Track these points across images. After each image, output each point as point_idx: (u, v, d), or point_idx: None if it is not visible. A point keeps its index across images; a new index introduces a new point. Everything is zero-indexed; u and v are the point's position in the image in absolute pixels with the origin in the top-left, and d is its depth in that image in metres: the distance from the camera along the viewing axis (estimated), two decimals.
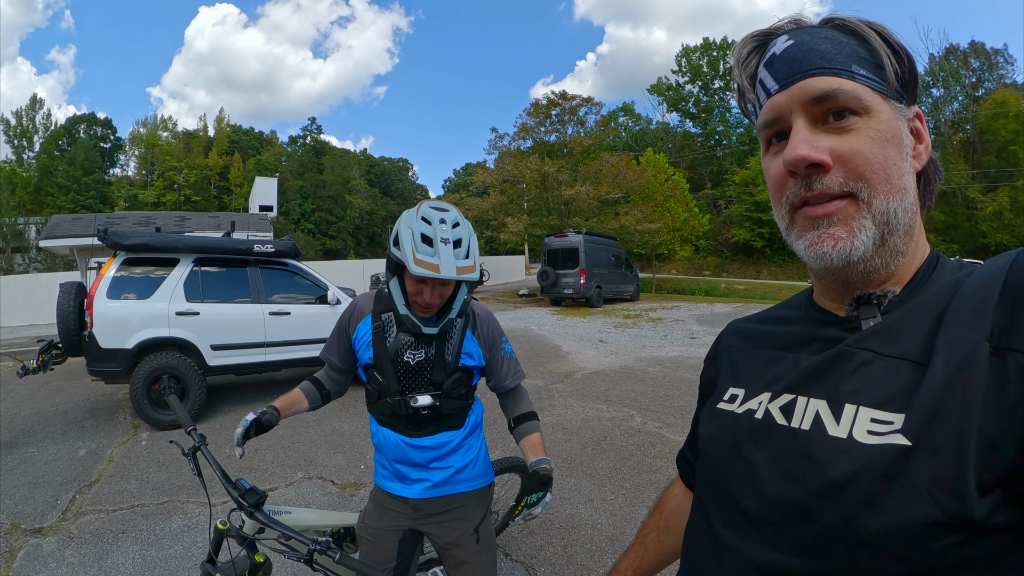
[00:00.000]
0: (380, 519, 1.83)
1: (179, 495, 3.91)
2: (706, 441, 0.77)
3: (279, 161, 65.57)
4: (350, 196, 64.35)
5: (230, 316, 6.06)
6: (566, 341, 11.15)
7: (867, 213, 0.60)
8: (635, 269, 22.56)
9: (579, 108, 28.93)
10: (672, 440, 5.03)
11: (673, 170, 30.58)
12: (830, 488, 0.55)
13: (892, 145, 0.60)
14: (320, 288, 6.85)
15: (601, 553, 3.14)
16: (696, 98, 53.66)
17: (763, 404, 0.68)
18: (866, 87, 0.60)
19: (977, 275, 0.58)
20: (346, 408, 6.12)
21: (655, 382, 7.45)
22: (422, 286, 1.61)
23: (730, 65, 0.73)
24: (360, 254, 60.29)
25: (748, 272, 38.78)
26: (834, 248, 0.61)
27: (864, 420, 0.56)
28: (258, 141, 69.33)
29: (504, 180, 26.70)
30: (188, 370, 5.63)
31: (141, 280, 5.70)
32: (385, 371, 1.71)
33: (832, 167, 0.60)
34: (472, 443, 1.88)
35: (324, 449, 4.88)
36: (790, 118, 0.63)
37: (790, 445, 0.62)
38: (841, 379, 0.61)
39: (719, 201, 45.41)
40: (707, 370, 0.90)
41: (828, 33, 0.64)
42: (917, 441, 0.51)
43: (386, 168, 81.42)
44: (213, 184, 59.09)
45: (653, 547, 0.99)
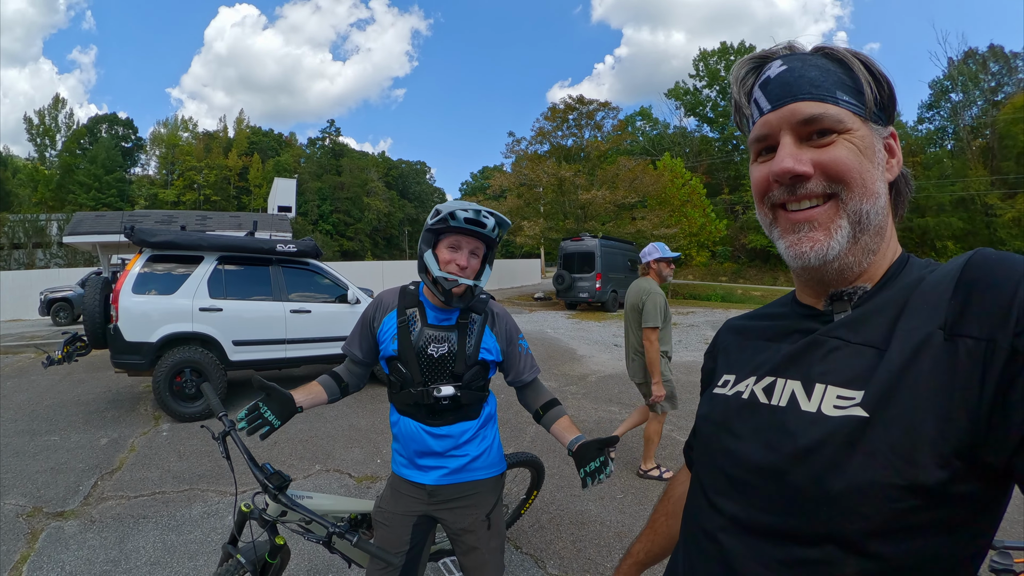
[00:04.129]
0: (396, 504, 1.93)
1: (199, 484, 4.04)
2: (701, 421, 0.87)
3: (298, 162, 66.46)
4: (368, 198, 65.02)
5: (252, 313, 6.22)
6: (580, 344, 11.22)
7: (843, 213, 0.69)
8: None
9: (596, 112, 28.97)
10: (682, 443, 5.04)
11: (690, 175, 30.52)
12: (800, 453, 0.64)
13: (866, 156, 0.69)
14: (340, 288, 7.00)
15: (609, 549, 3.22)
16: (714, 102, 53.41)
17: (749, 386, 0.77)
18: (847, 111, 0.69)
19: (938, 272, 0.66)
20: (363, 404, 6.26)
21: None
22: (455, 253, 1.75)
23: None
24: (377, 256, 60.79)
25: (765, 278, 38.51)
26: (812, 249, 0.70)
27: (831, 397, 0.65)
28: (277, 142, 70.33)
29: (521, 184, 26.77)
30: (210, 364, 5.77)
31: (166, 276, 5.87)
32: (409, 363, 1.82)
33: (813, 175, 0.69)
34: (487, 433, 1.98)
35: (341, 443, 5.00)
36: (779, 135, 0.71)
37: (769, 419, 0.71)
38: (813, 363, 0.70)
39: (736, 206, 45.16)
40: (706, 363, 1.00)
41: (818, 61, 0.72)
42: (874, 414, 0.59)
43: (404, 171, 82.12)
44: (232, 184, 60.09)
45: (663, 530, 1.07)
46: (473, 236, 1.77)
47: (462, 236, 1.76)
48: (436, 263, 1.77)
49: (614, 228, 24.92)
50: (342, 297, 6.97)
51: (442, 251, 1.77)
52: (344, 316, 6.81)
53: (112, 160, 54.18)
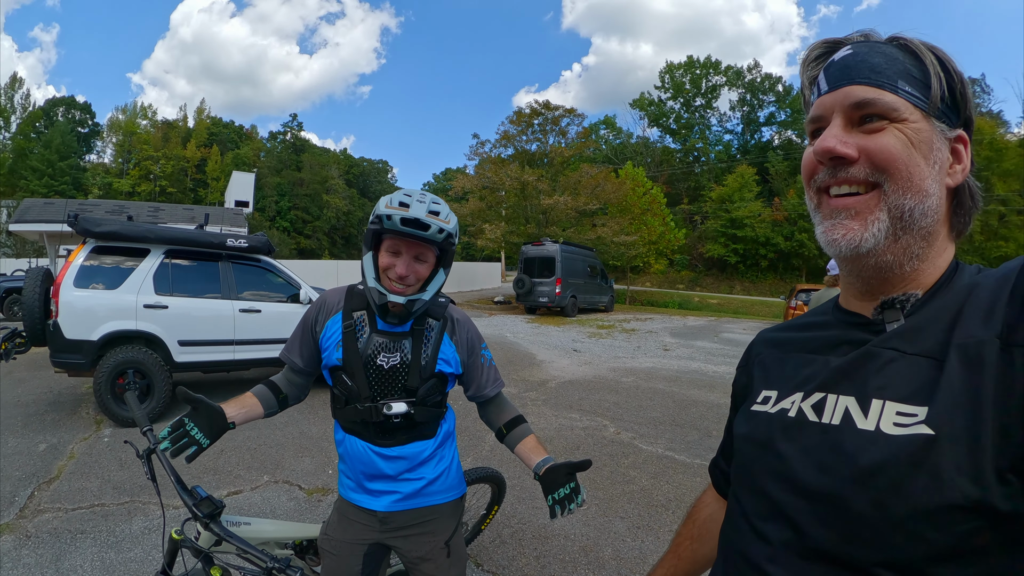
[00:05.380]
0: (344, 532, 1.72)
1: (140, 495, 3.76)
2: (741, 441, 0.80)
3: (257, 156, 64.80)
4: (327, 196, 63.77)
5: (199, 311, 5.89)
6: (540, 349, 11.13)
7: (884, 206, 0.65)
8: (610, 280, 22.77)
9: (561, 119, 29.13)
10: (645, 451, 5.03)
11: (651, 184, 31.05)
12: (861, 476, 0.59)
13: (918, 150, 0.64)
14: (292, 287, 6.71)
15: (575, 564, 3.09)
16: (677, 114, 54.65)
17: (796, 403, 0.72)
18: (906, 101, 0.65)
19: (990, 278, 0.63)
20: (315, 411, 5.98)
21: (628, 392, 7.46)
22: (395, 258, 1.53)
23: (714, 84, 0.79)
24: (335, 255, 59.63)
25: (721, 287, 39.41)
26: (843, 237, 0.67)
27: (890, 413, 0.60)
28: (237, 135, 68.49)
29: (483, 187, 26.69)
30: (154, 365, 5.44)
31: (110, 270, 5.50)
32: (355, 374, 1.59)
33: (858, 160, 0.65)
34: (445, 453, 1.79)
35: (291, 452, 4.75)
36: (831, 117, 0.69)
37: (821, 439, 0.66)
38: (868, 377, 0.65)
39: (695, 216, 46.15)
40: (739, 378, 0.94)
41: (887, 49, 0.69)
42: (940, 431, 0.55)
43: (365, 169, 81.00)
44: (190, 176, 58.15)
45: (687, 556, 1.00)
46: (416, 239, 1.52)
47: (402, 239, 1.53)
48: (374, 269, 1.55)
49: (575, 234, 25.06)
50: (294, 297, 6.67)
51: (383, 255, 1.54)
52: (296, 317, 6.45)
53: (67, 146, 51.69)
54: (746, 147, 52.04)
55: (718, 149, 53.07)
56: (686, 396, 7.29)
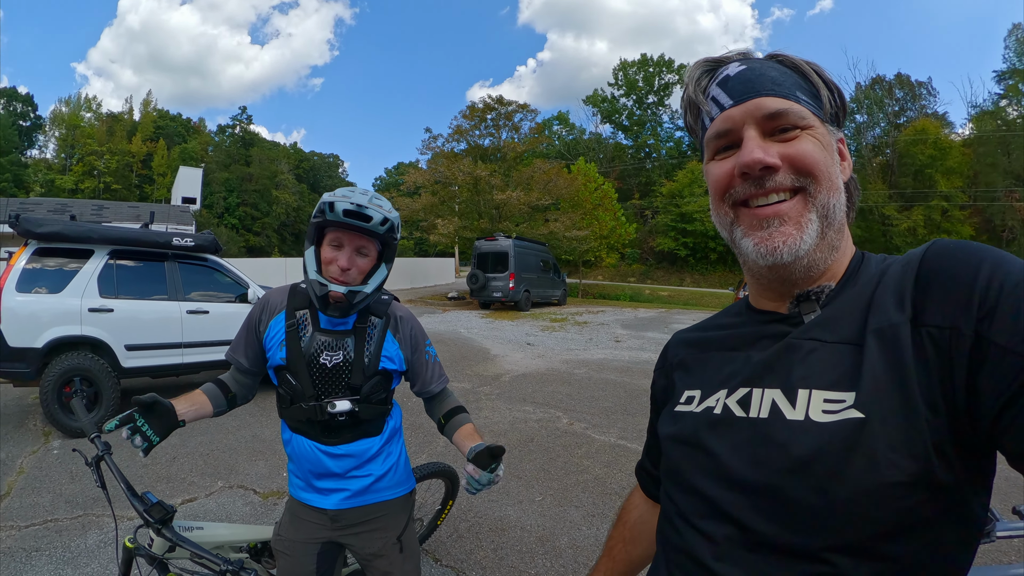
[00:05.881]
0: (297, 532, 1.72)
1: (94, 508, 3.61)
2: (668, 442, 0.80)
3: (205, 151, 62.43)
4: (277, 191, 62.08)
5: (146, 314, 5.65)
6: (494, 344, 11.17)
7: (812, 207, 0.67)
8: (563, 274, 22.97)
9: (515, 114, 29.17)
10: (598, 441, 5.13)
11: (603, 180, 31.36)
12: (796, 466, 0.60)
13: (828, 153, 0.69)
14: (240, 286, 6.51)
15: (532, 554, 3.14)
16: (630, 111, 55.37)
17: (720, 400, 0.73)
18: (808, 110, 0.69)
19: (897, 264, 0.66)
20: (267, 413, 5.85)
21: (581, 384, 7.58)
22: (337, 251, 1.53)
23: (666, 82, 0.80)
24: (285, 252, 58.04)
25: (672, 280, 40.27)
26: (784, 244, 0.67)
27: (818, 401, 0.61)
28: (185, 128, 65.85)
29: (436, 181, 26.47)
30: (101, 372, 5.18)
31: (53, 272, 5.22)
32: (299, 373, 1.59)
33: (782, 168, 0.67)
34: (392, 449, 1.79)
35: (245, 456, 4.63)
36: (742, 130, 0.70)
37: (751, 433, 0.66)
38: (792, 368, 0.66)
39: (646, 211, 46.95)
40: (658, 379, 0.94)
41: (775, 65, 0.73)
42: (869, 413, 0.57)
43: (316, 163, 79.19)
44: (135, 172, 55.63)
45: (621, 558, 1.01)
46: (359, 232, 1.54)
47: (344, 232, 1.53)
48: (316, 263, 1.55)
49: (528, 229, 25.13)
50: (242, 296, 6.47)
51: (325, 249, 1.55)
52: (244, 317, 6.31)
53: (8, 140, 48.57)
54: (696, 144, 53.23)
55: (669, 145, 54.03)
56: (637, 386, 7.46)
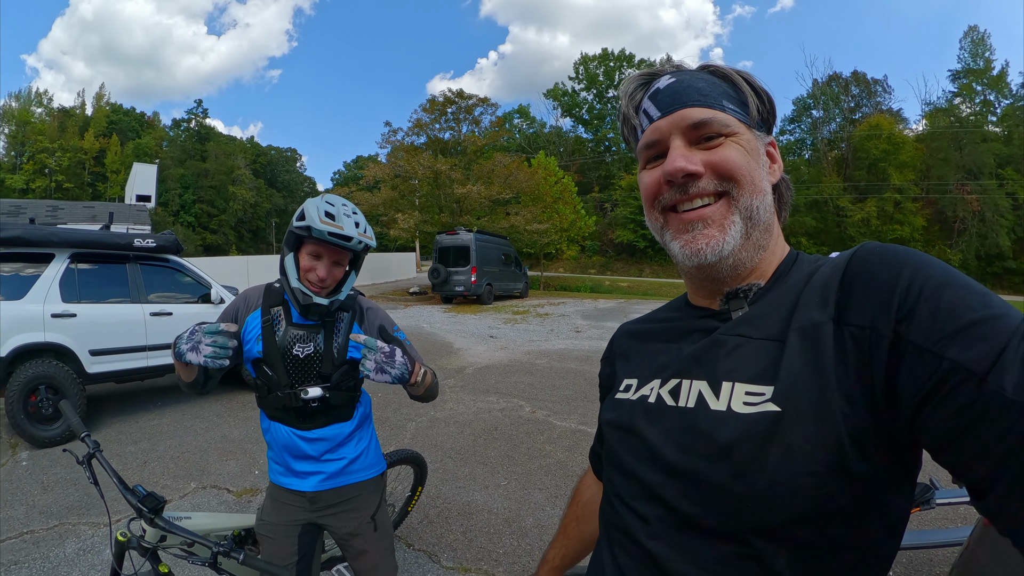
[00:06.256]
0: (278, 515, 1.84)
1: (69, 517, 3.57)
2: (607, 427, 0.85)
3: (160, 146, 60.42)
4: (234, 187, 60.56)
5: (110, 318, 5.52)
6: (457, 338, 11.29)
7: (736, 209, 0.71)
8: (524, 267, 23.18)
9: (475, 107, 29.14)
10: (559, 427, 5.33)
11: (563, 173, 31.66)
12: (718, 453, 0.64)
13: (753, 157, 0.73)
14: (203, 286, 6.43)
15: (499, 535, 3.30)
16: (590, 105, 55.86)
17: (654, 389, 0.77)
18: (734, 118, 0.73)
19: (826, 266, 0.69)
20: (234, 413, 5.86)
21: (542, 374, 7.79)
22: (316, 262, 1.66)
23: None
24: (243, 250, 56.59)
25: (631, 271, 41.02)
26: (707, 246, 0.71)
27: (740, 394, 0.65)
28: (139, 123, 63.48)
29: (396, 175, 26.25)
30: (67, 379, 5.04)
31: (12, 278, 5.06)
32: (275, 365, 1.72)
33: (704, 174, 0.71)
34: (362, 434, 1.94)
35: (215, 457, 4.64)
36: (668, 140, 0.74)
37: (680, 421, 0.70)
38: (717, 361, 0.70)
39: (605, 204, 47.58)
40: (604, 368, 1.00)
41: (704, 76, 0.77)
42: (785, 407, 0.61)
43: (273, 158, 77.47)
44: (88, 170, 53.43)
45: (575, 535, 1.09)
46: (338, 248, 1.69)
47: (324, 247, 1.67)
48: (296, 270, 1.69)
49: (489, 223, 25.24)
50: (205, 297, 6.39)
51: (304, 257, 1.68)
52: (208, 317, 6.19)
53: None
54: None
55: None
56: (596, 374, 7.61)
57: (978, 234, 35.40)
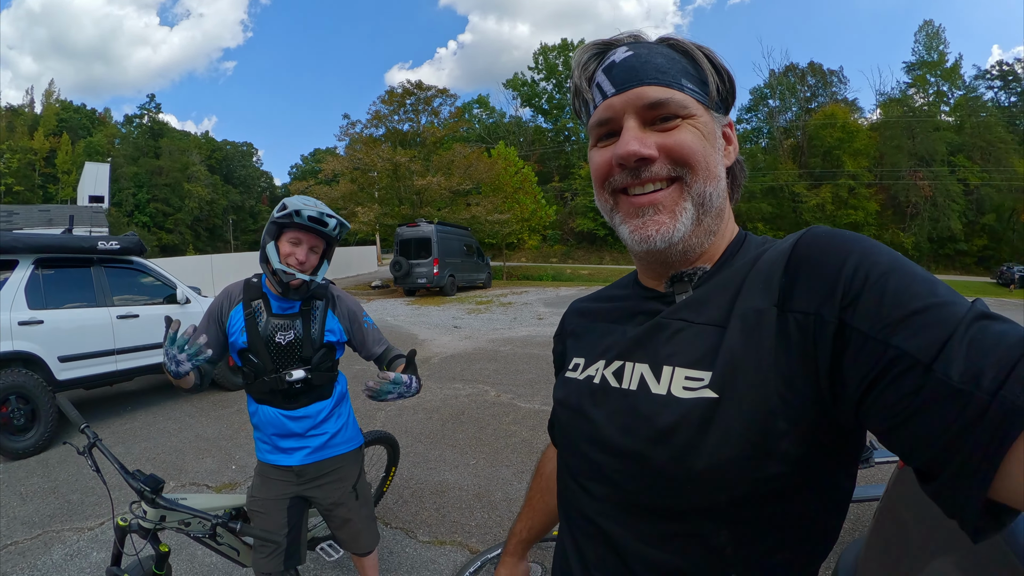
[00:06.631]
0: (268, 491, 2.02)
1: (52, 525, 3.57)
2: (558, 405, 0.86)
3: (112, 144, 58.39)
4: (189, 184, 58.97)
5: (76, 323, 5.45)
6: (422, 329, 11.45)
7: (688, 196, 0.68)
8: (486, 258, 23.36)
9: (434, 99, 29.07)
10: (523, 408, 5.58)
11: (523, 163, 31.88)
12: (658, 436, 0.64)
13: (709, 142, 0.69)
14: (168, 287, 6.41)
15: (471, 509, 3.51)
16: (549, 95, 56.15)
17: (599, 370, 0.77)
18: (691, 98, 0.69)
19: (771, 250, 0.67)
20: (206, 412, 5.91)
21: (506, 360, 8.05)
22: (295, 247, 1.86)
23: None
24: (200, 249, 55.12)
25: (592, 259, 41.67)
26: (657, 232, 0.69)
27: (680, 379, 0.65)
28: (90, 120, 61.31)
29: (355, 168, 26.01)
30: (37, 388, 4.95)
31: None
32: (260, 352, 1.91)
33: (658, 158, 0.68)
34: (341, 411, 2.15)
35: (191, 455, 4.69)
36: (622, 119, 0.69)
37: (622, 404, 0.71)
38: (659, 345, 0.70)
39: (565, 193, 48.08)
40: (556, 346, 0.99)
41: (663, 50, 0.71)
42: (722, 392, 0.61)
43: (229, 153, 75.61)
44: (38, 171, 51.36)
45: (540, 507, 1.10)
46: (315, 234, 1.89)
47: (304, 232, 1.87)
48: (277, 255, 1.87)
49: (449, 214, 25.28)
50: (171, 298, 6.37)
51: (284, 244, 1.87)
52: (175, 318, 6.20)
53: None
54: None
55: None
56: None
57: (930, 218, 37.15)
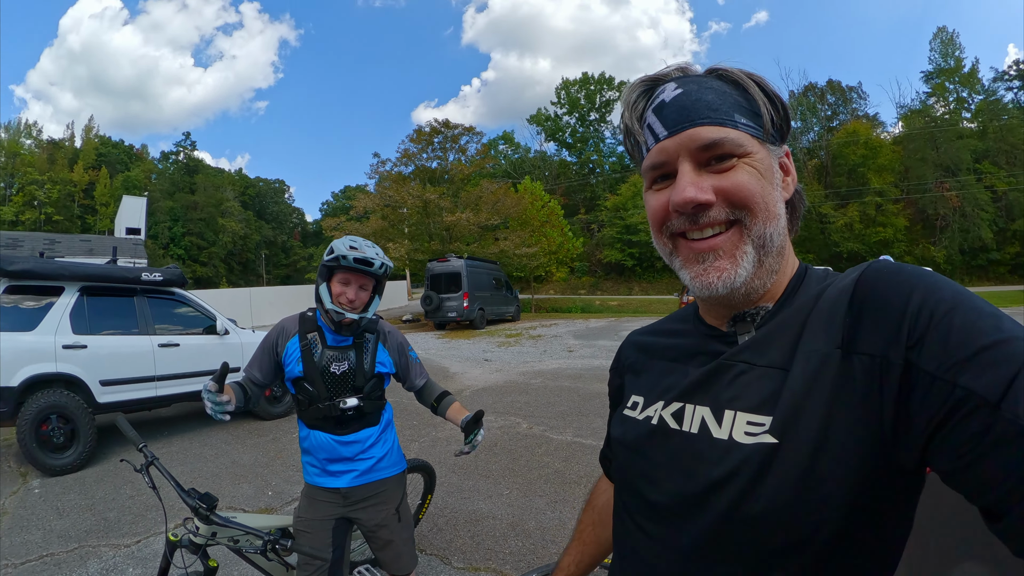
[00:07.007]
0: (315, 512, 2.16)
1: (89, 540, 3.73)
2: (616, 444, 0.86)
3: (149, 179, 60.92)
4: (223, 219, 60.99)
5: (119, 349, 5.77)
6: (453, 362, 11.58)
7: (748, 239, 0.67)
8: (515, 291, 23.60)
9: (461, 136, 29.70)
10: (556, 440, 5.63)
11: (549, 197, 32.20)
12: (718, 481, 0.64)
13: (766, 179, 0.68)
14: (208, 318, 6.71)
15: (504, 538, 3.58)
16: (573, 129, 57.11)
17: (658, 411, 0.77)
18: (746, 134, 0.67)
19: (833, 287, 0.66)
20: (242, 440, 6.11)
21: (537, 392, 8.11)
22: (345, 287, 2.04)
23: (607, 99, 0.99)
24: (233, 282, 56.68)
25: (620, 289, 41.46)
26: (719, 279, 0.68)
27: (741, 423, 0.65)
28: (127, 155, 64.11)
29: (385, 205, 26.67)
30: (77, 409, 5.24)
31: (24, 310, 5.31)
32: (315, 381, 2.08)
33: (715, 202, 0.66)
34: (387, 436, 2.30)
35: (228, 481, 4.85)
36: (676, 162, 0.68)
37: (683, 447, 0.70)
38: (721, 389, 0.69)
39: (592, 225, 48.26)
40: (613, 379, 0.99)
41: (713, 83, 0.70)
42: (783, 438, 0.60)
43: (261, 189, 78.18)
44: (77, 202, 53.80)
45: (591, 540, 1.06)
46: (362, 273, 2.07)
47: (351, 273, 2.05)
48: (329, 295, 2.06)
49: (478, 248, 25.63)
50: (210, 328, 6.68)
51: (335, 285, 2.06)
52: (214, 348, 6.51)
53: None
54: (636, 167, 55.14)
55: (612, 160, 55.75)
56: (590, 390, 8.04)
57: (960, 229, 36.06)
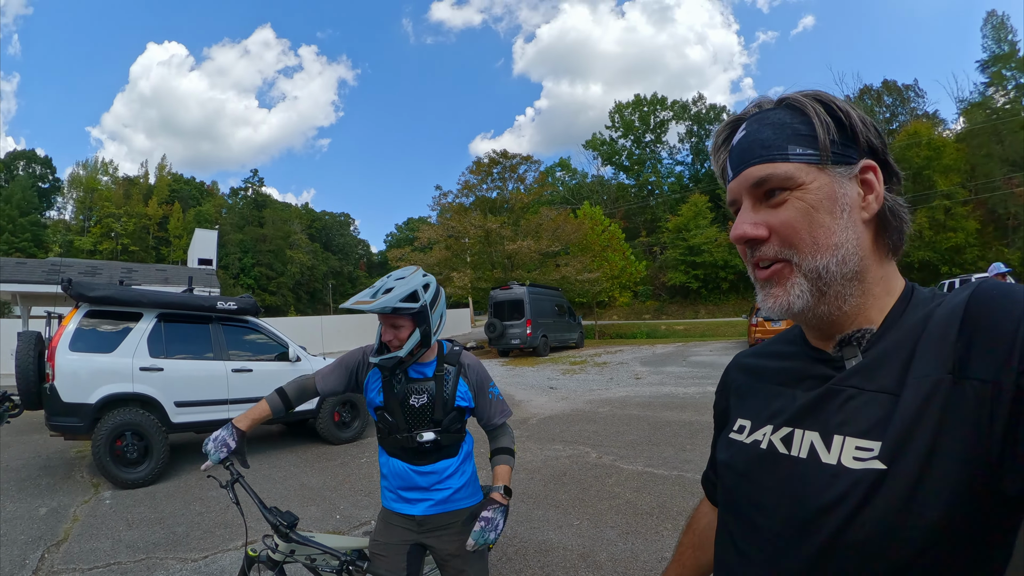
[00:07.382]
0: (390, 536, 2.19)
1: (156, 552, 3.92)
2: (723, 468, 0.88)
3: (219, 213, 64.92)
4: (291, 251, 64.03)
5: (193, 373, 6.13)
6: (518, 390, 11.55)
7: (799, 273, 0.71)
8: (578, 317, 23.45)
9: (519, 166, 30.14)
10: (626, 470, 5.50)
11: (609, 221, 32.02)
12: (825, 507, 0.66)
13: (821, 211, 0.69)
14: (280, 346, 7.03)
15: (575, 569, 3.51)
16: (629, 151, 56.74)
17: (767, 436, 0.78)
18: (800, 164, 0.70)
19: (943, 308, 0.66)
20: (310, 464, 6.30)
21: (605, 421, 7.96)
22: (384, 330, 2.06)
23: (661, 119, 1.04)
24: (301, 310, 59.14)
25: (687, 313, 40.38)
26: (775, 304, 0.73)
27: (850, 448, 0.66)
28: (198, 191, 68.60)
29: (448, 235, 27.28)
30: (151, 427, 5.60)
31: (104, 333, 5.72)
32: (395, 412, 2.11)
33: (769, 238, 0.72)
34: (465, 468, 2.29)
35: (296, 503, 5.00)
36: (741, 200, 0.75)
37: (791, 472, 0.72)
38: (831, 413, 0.70)
39: (654, 248, 47.57)
40: (719, 401, 1.00)
41: (775, 116, 0.74)
42: (891, 464, 0.61)
43: (327, 222, 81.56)
44: (152, 234, 57.95)
45: (690, 563, 1.07)
46: (389, 315, 2.05)
47: (383, 316, 2.06)
48: (378, 338, 2.11)
49: (540, 275, 25.74)
50: (282, 355, 7.00)
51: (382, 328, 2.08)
52: (286, 375, 6.75)
53: (28, 201, 51.10)
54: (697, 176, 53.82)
55: (671, 181, 55.08)
56: (659, 418, 7.83)
57: None
